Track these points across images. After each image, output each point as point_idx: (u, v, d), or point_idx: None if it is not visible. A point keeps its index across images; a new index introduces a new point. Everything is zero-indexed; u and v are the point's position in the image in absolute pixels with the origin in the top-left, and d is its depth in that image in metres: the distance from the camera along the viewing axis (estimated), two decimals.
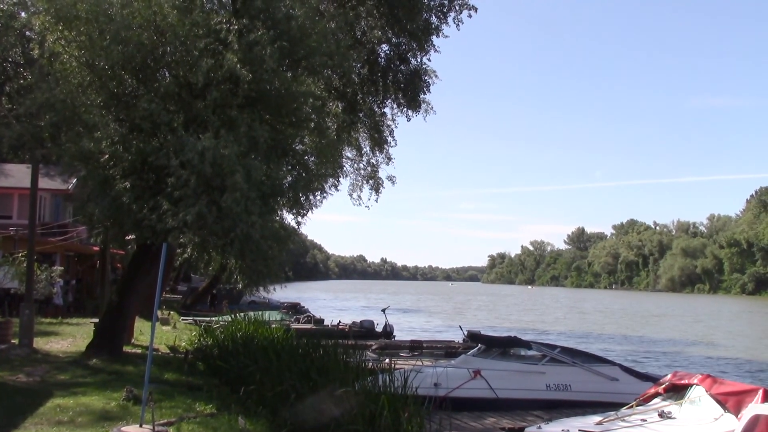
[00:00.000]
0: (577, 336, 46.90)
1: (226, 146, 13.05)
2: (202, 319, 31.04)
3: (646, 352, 37.66)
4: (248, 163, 13.43)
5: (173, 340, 22.62)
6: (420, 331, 44.45)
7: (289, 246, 17.88)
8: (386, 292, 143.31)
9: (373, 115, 25.99)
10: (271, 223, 15.34)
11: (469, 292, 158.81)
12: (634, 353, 36.91)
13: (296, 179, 16.16)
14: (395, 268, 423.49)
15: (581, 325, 57.58)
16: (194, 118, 14.27)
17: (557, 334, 47.67)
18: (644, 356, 35.66)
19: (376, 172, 28.30)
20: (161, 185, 13.61)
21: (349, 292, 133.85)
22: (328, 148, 17.00)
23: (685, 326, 59.70)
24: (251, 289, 18.42)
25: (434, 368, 16.22)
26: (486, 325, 49.68)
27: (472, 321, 55.65)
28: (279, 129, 15.56)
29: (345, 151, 27.00)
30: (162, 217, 13.16)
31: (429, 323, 54.01)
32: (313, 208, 20.43)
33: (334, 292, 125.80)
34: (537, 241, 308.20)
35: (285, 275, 18.58)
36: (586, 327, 56.03)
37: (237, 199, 13.01)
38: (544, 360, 17.06)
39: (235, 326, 18.80)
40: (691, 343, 44.55)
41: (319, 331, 25.36)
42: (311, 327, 32.91)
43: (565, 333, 48.91)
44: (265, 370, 12.94)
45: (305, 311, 45.84)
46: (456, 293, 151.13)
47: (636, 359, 33.43)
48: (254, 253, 14.41)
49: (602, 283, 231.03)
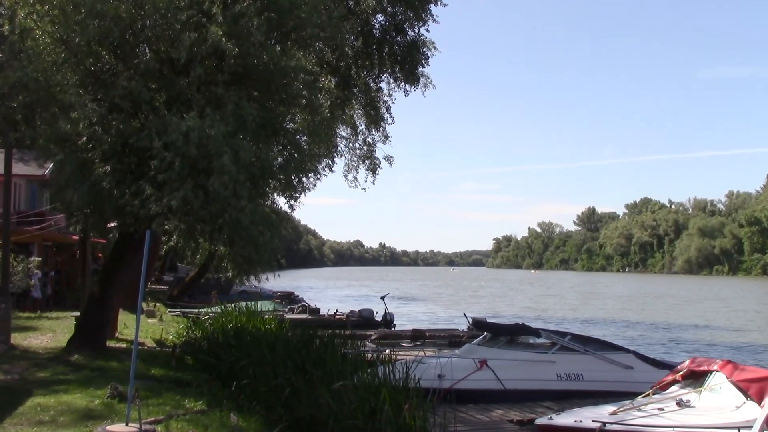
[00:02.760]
0: (589, 322, 47.04)
1: (212, 126, 12.99)
2: (190, 311, 31.06)
3: (663, 338, 37.85)
4: (236, 144, 13.38)
5: (160, 333, 22.66)
6: (422, 320, 44.58)
7: (282, 232, 17.86)
8: (385, 278, 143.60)
9: (369, 91, 25.84)
10: (261, 207, 15.31)
11: (473, 278, 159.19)
12: (649, 339, 37.09)
13: (288, 160, 16.10)
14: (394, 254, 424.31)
15: (593, 311, 57.78)
16: (177, 97, 14.20)
17: (567, 320, 47.85)
18: (660, 342, 35.84)
19: (372, 152, 28.19)
20: (144, 169, 13.56)
21: (345, 279, 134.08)
22: (321, 126, 16.95)
23: (703, 310, 59.93)
24: (242, 278, 18.37)
25: (437, 359, 16.26)
26: (491, 312, 49.85)
27: (476, 308, 55.82)
28: (268, 107, 15.48)
29: (339, 129, 26.87)
30: (145, 202, 13.13)
31: (431, 311, 54.20)
32: (306, 191, 20.32)
33: (329, 280, 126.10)
34: (545, 222, 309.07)
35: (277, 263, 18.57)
36: (597, 312, 56.24)
37: (225, 182, 12.97)
38: (554, 348, 17.11)
39: (225, 318, 18.84)
40: (710, 327, 44.76)
41: (314, 322, 25.44)
42: (306, 317, 33.02)
43: (576, 319, 49.07)
44: (257, 363, 12.95)
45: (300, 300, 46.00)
46: (459, 279, 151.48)
47: (651, 346, 33.58)
48: (244, 239, 14.39)
49: (615, 265, 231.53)
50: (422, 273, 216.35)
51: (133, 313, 22.88)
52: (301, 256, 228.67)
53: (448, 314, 49.85)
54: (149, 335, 22.15)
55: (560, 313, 55.12)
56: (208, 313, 24.02)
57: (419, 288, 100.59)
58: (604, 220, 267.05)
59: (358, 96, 25.91)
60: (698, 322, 48.56)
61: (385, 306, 34.22)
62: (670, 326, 45.25)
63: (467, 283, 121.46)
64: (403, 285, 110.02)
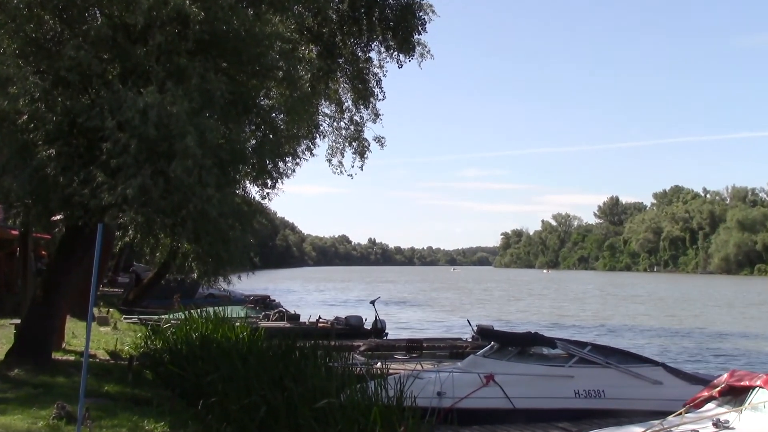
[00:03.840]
0: (612, 330, 47.25)
1: (173, 102, 12.97)
2: (148, 318, 31.01)
3: (697, 349, 38.01)
4: (202, 123, 13.36)
5: (114, 343, 22.64)
6: (418, 328, 44.63)
7: (255, 225, 17.85)
8: (376, 280, 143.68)
9: (356, 62, 25.80)
10: (231, 196, 15.30)
11: (478, 279, 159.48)
12: (681, 350, 37.27)
13: (262, 142, 16.09)
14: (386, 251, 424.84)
15: (616, 317, 57.93)
16: (134, 69, 14.15)
17: (587, 328, 48.02)
18: (694, 353, 36.01)
19: (360, 132, 28.14)
20: (94, 152, 13.53)
21: (330, 281, 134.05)
22: (300, 102, 16.89)
23: (743, 316, 60.19)
24: (209, 280, 18.38)
25: (437, 373, 16.28)
26: (499, 319, 49.93)
27: (482, 314, 55.90)
28: (239, 80, 15.45)
29: (322, 106, 26.81)
30: (96, 191, 13.09)
31: (429, 318, 54.26)
32: (283, 178, 20.30)
33: (311, 282, 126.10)
34: (561, 214, 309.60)
35: (250, 261, 18.55)
36: (622, 319, 56.39)
37: (189, 167, 12.95)
38: (571, 360, 17.14)
39: (189, 325, 18.83)
40: (751, 336, 44.95)
41: (294, 330, 25.40)
42: (284, 325, 32.94)
43: (597, 327, 49.26)
44: (228, 378, 12.97)
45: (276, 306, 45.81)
46: (462, 280, 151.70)
47: (684, 357, 33.75)
48: (211, 234, 14.40)
49: (641, 264, 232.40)
50: (419, 273, 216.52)
51: (83, 320, 22.85)
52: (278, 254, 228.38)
53: (448, 321, 49.90)
54: (101, 346, 22.12)
55: (579, 319, 55.26)
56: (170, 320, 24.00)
57: (415, 291, 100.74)
58: (629, 211, 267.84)
59: (344, 67, 25.86)
60: (738, 330, 48.74)
61: (376, 312, 34.17)
62: (706, 335, 45.44)
63: (471, 285, 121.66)
64: (397, 287, 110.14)
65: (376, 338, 31.77)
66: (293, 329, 27.92)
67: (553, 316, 58.45)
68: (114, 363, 19.14)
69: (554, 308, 67.53)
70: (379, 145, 28.29)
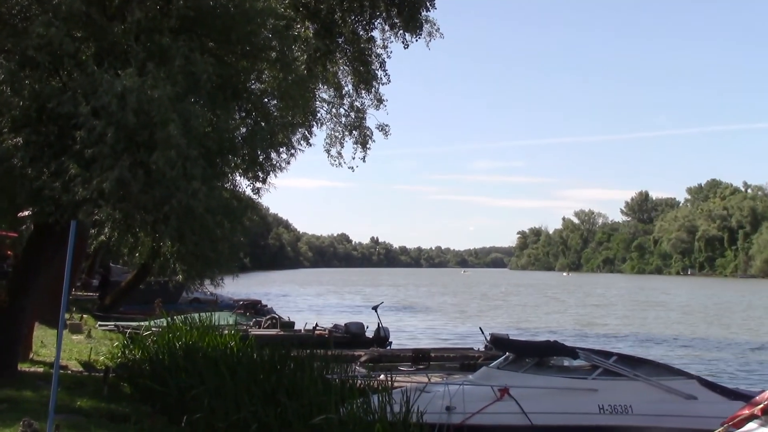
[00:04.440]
0: (641, 339, 47.27)
1: (155, 86, 12.96)
2: (126, 325, 31.04)
3: (736, 361, 37.95)
4: (186, 110, 13.37)
5: (88, 353, 22.66)
6: (426, 337, 44.69)
7: (246, 222, 17.84)
8: (379, 283, 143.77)
9: (357, 41, 25.84)
10: (219, 191, 15.29)
11: (492, 282, 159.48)
12: (719, 362, 37.22)
13: (253, 130, 16.08)
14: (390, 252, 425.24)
15: (646, 325, 57.98)
16: (110, 48, 14.16)
17: (613, 337, 48.05)
18: (733, 366, 35.93)
19: (362, 120, 28.21)
20: (66, 141, 13.51)
21: (327, 284, 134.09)
22: (295, 86, 16.90)
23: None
24: (194, 283, 18.40)
25: (446, 386, 16.28)
26: (515, 327, 49.98)
27: (495, 321, 56.03)
28: (228, 62, 15.46)
29: (319, 90, 26.88)
30: (69, 185, 13.08)
31: (437, 325, 54.24)
32: (276, 170, 20.30)
33: (307, 285, 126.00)
34: (584, 211, 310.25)
35: (240, 263, 18.56)
36: (652, 327, 56.43)
37: (172, 158, 12.94)
38: (595, 372, 17.13)
39: (172, 333, 18.83)
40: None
41: (288, 338, 25.42)
42: (277, 332, 32.96)
43: (625, 336, 49.28)
44: (215, 392, 12.98)
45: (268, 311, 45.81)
46: (474, 283, 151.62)
47: (722, 370, 33.70)
48: (197, 232, 14.38)
49: (673, 267, 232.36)
50: (426, 276, 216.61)
51: (53, 327, 22.86)
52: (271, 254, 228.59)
53: (459, 329, 49.89)
54: (74, 356, 22.14)
55: (604, 328, 55.21)
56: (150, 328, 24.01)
57: (422, 295, 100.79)
58: (660, 208, 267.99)
59: (344, 48, 25.90)
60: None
61: (379, 319, 34.20)
62: (747, 346, 45.29)
63: (484, 289, 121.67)
64: (402, 291, 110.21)
65: (378, 348, 31.77)
66: (287, 337, 27.93)
67: (575, 323, 58.47)
68: (88, 375, 19.15)
69: (576, 315, 67.55)
70: (382, 134, 28.39)
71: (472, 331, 41.04)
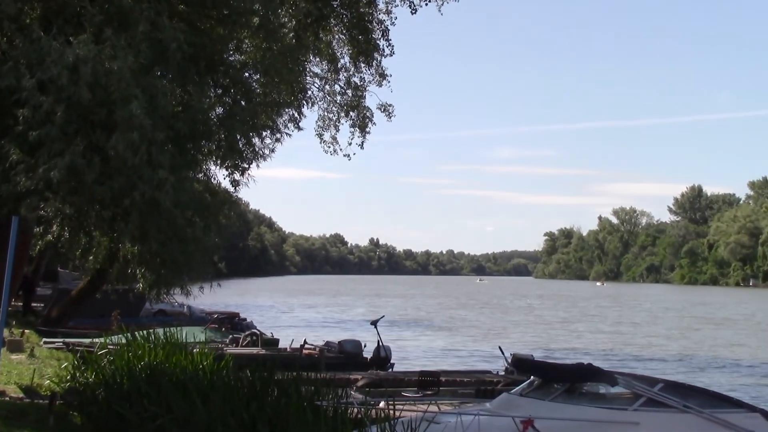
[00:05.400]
0: (694, 364, 47.22)
1: (114, 56, 12.96)
2: (77, 342, 31.06)
3: None
4: (152, 85, 13.39)
5: (30, 376, 22.67)
6: (434, 357, 44.70)
7: (222, 220, 17.87)
8: (379, 293, 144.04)
9: (356, 4, 25.83)
10: (190, 182, 15.31)
11: (514, 293, 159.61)
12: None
13: (231, 110, 16.12)
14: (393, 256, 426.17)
15: (700, 347, 57.87)
16: (60, 10, 14.15)
17: (660, 360, 48.03)
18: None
19: (361, 99, 28.21)
20: (7, 121, 13.54)
21: (318, 294, 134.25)
22: (282, 58, 16.93)
23: None
24: (159, 292, 18.42)
25: (458, 416, 16.31)
26: (541, 346, 50.14)
27: (518, 339, 56.03)
28: (202, 28, 15.47)
29: (310, 64, 26.91)
30: (9, 173, 13.11)
31: (448, 344, 54.28)
32: (259, 159, 20.37)
33: (294, 295, 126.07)
34: (624, 209, 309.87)
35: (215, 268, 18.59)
36: (707, 349, 56.36)
37: (134, 142, 12.91)
38: (637, 402, 17.13)
39: (133, 352, 18.82)
40: None
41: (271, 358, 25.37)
42: (258, 351, 33.00)
43: (674, 359, 49.22)
44: (184, 421, 13.00)
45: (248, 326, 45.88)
46: (492, 294, 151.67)
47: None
48: (164, 231, 14.40)
49: (732, 276, 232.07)
50: (436, 285, 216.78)
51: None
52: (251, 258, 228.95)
53: (474, 348, 49.98)
54: (13, 379, 22.13)
55: (648, 349, 55.22)
56: (107, 345, 24.05)
57: (431, 308, 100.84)
58: (716, 206, 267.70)
59: (340, 13, 25.88)
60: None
61: (379, 336, 34.21)
62: None
63: (505, 302, 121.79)
64: (407, 303, 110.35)
65: (378, 370, 31.84)
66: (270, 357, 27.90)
67: (613, 343, 58.41)
68: (30, 402, 19.15)
69: (614, 333, 67.61)
70: (385, 116, 28.39)
71: (489, 351, 41.13)
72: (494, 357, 33.06)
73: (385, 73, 27.74)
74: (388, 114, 28.28)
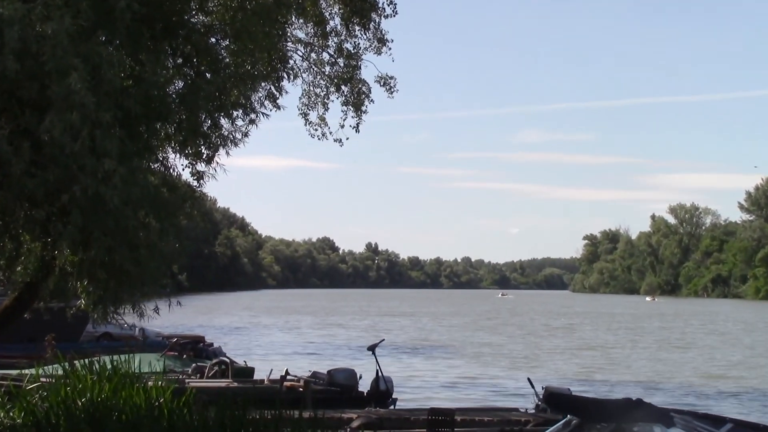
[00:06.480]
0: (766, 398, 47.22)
1: (47, 17, 12.90)
2: (2, 374, 31.06)
3: None
4: (95, 53, 13.31)
5: None
6: (447, 391, 44.82)
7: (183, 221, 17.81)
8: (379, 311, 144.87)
9: None
10: (144, 174, 15.24)
11: (546, 310, 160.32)
12: None
13: (194, 84, 16.07)
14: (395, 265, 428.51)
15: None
16: None
17: (727, 394, 48.04)
18: None
19: (355, 70, 28.11)
20: None
21: (303, 312, 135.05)
22: (256, 20, 16.87)
23: None
24: (105, 311, 18.32)
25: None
26: (581, 378, 50.17)
27: (551, 370, 56.18)
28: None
29: (292, 26, 26.81)
30: None
31: (465, 373, 54.41)
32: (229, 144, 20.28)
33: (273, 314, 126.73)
34: (684, 206, 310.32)
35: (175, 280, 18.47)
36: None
37: (74, 124, 12.87)
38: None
39: (72, 386, 18.78)
40: None
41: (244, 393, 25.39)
42: (228, 384, 33.06)
43: (743, 393, 49.23)
44: None
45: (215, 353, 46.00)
46: (517, 312, 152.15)
47: None
48: (110, 234, 14.31)
49: None
50: (448, 300, 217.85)
51: None
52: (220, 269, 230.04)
53: (497, 380, 50.18)
54: None
55: (713, 380, 55.31)
56: (39, 378, 24.03)
57: (442, 330, 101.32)
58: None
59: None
60: None
61: (378, 364, 34.21)
62: None
63: (535, 322, 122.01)
64: (413, 324, 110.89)
65: (378, 407, 31.84)
66: (243, 391, 27.95)
67: (669, 374, 58.57)
68: None
69: (671, 361, 67.76)
70: (385, 90, 28.22)
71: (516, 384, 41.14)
72: (522, 391, 32.92)
73: (385, 38, 27.57)
74: (388, 88, 28.08)
